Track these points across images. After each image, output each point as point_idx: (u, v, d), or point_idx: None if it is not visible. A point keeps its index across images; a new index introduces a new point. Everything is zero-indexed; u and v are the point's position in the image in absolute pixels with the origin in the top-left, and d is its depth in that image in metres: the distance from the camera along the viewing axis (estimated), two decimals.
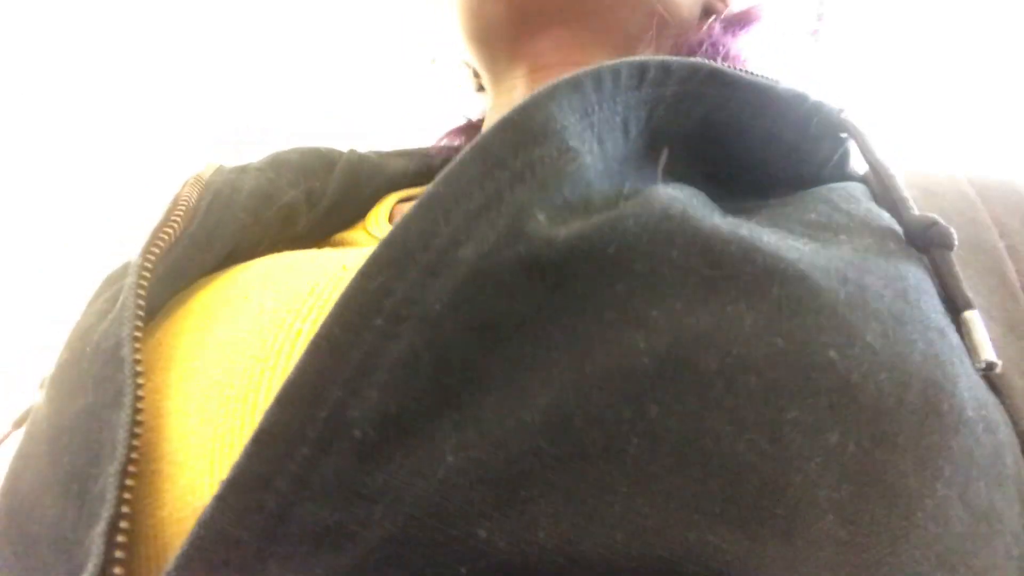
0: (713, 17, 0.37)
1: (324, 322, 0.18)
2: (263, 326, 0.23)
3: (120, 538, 0.19)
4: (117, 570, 0.19)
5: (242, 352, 0.23)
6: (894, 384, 0.18)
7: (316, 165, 0.37)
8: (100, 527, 0.19)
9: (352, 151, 0.40)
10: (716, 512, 0.16)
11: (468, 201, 0.19)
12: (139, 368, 0.23)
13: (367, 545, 0.17)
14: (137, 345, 0.23)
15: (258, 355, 0.22)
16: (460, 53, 0.44)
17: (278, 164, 0.35)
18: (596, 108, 0.21)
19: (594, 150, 0.21)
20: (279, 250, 0.32)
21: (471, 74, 0.45)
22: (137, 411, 0.22)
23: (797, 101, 0.24)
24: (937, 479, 0.17)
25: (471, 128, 0.46)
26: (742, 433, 0.17)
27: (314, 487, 0.17)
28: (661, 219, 0.19)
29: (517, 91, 0.37)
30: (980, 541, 0.17)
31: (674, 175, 0.23)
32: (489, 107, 0.41)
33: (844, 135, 0.25)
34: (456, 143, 0.45)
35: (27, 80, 0.86)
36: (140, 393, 0.22)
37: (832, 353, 0.18)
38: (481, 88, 0.45)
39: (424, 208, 0.19)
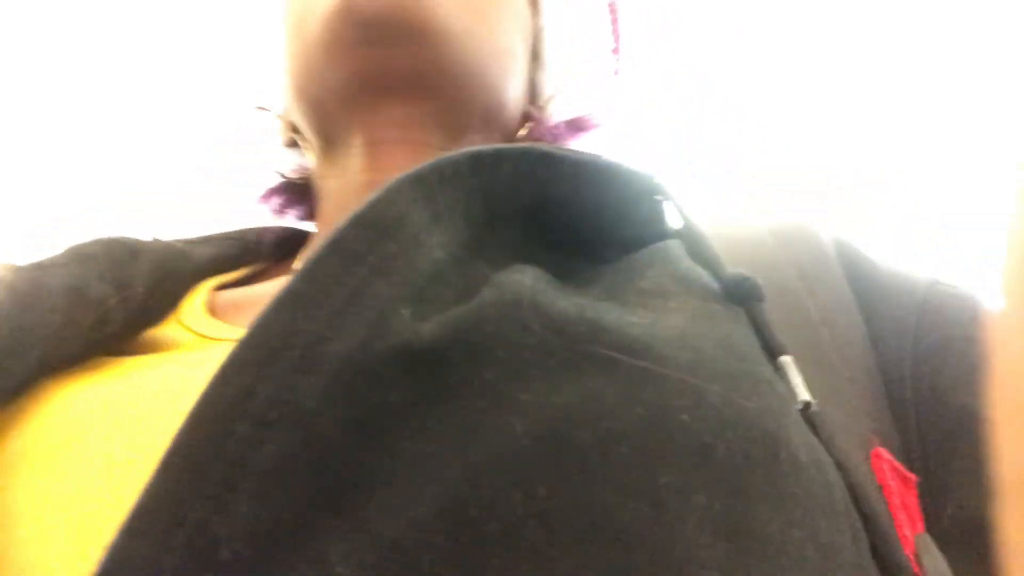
0: (530, 124, 0.41)
1: (176, 438, 0.17)
2: (115, 482, 0.21)
3: None
4: None
5: (96, 521, 0.21)
6: (739, 440, 0.19)
7: (121, 256, 0.34)
8: None
9: (155, 240, 0.38)
10: None
11: (329, 297, 0.18)
12: None
13: None
14: None
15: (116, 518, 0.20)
16: (282, 108, 0.44)
17: (82, 258, 0.32)
18: (440, 198, 0.22)
19: (442, 241, 0.22)
20: (95, 355, 0.30)
21: (285, 127, 0.44)
22: None
23: (617, 171, 0.26)
24: (792, 525, 0.18)
25: (290, 187, 0.45)
26: (626, 502, 0.17)
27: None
28: (514, 307, 0.20)
29: (353, 162, 0.36)
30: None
31: (518, 250, 0.25)
32: (318, 173, 0.40)
33: (658, 197, 0.27)
34: (278, 221, 0.45)
35: None
36: None
37: (685, 416, 0.19)
38: (294, 144, 0.44)
39: (284, 305, 0.18)
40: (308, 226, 0.46)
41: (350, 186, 0.37)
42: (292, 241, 0.44)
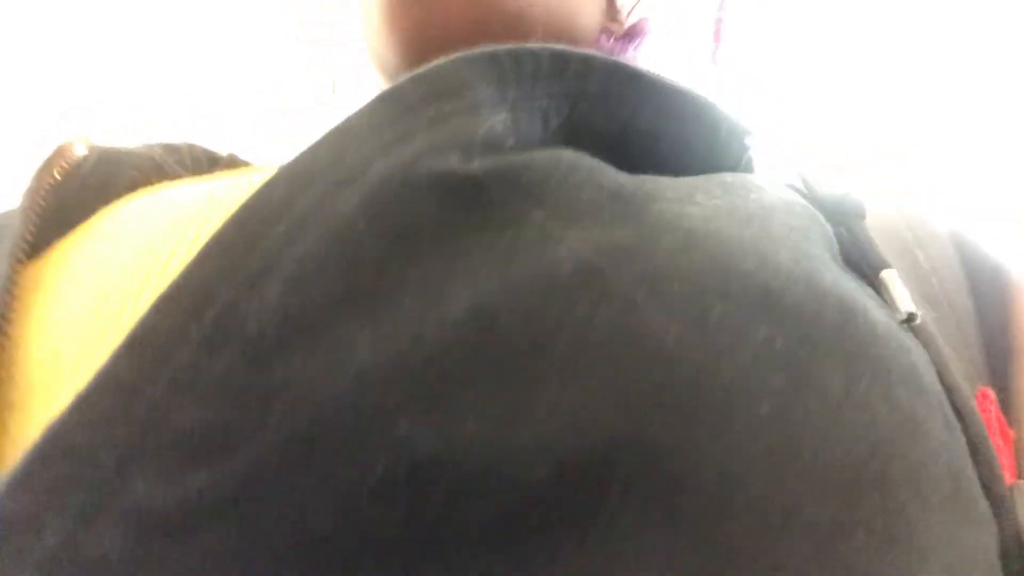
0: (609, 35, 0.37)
1: (214, 235, 0.17)
2: (147, 244, 0.21)
3: None
4: None
5: (119, 272, 0.20)
6: (811, 296, 0.18)
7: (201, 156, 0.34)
8: None
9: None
10: (651, 400, 0.15)
11: (379, 134, 0.18)
12: (12, 295, 0.21)
13: (264, 445, 0.15)
14: (15, 277, 0.21)
15: (137, 272, 0.20)
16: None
17: (160, 146, 0.33)
18: (514, 87, 0.21)
19: (507, 126, 0.20)
20: None
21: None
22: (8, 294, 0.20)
23: (708, 107, 0.24)
24: (860, 379, 0.17)
25: None
26: (670, 327, 0.16)
27: (196, 390, 0.15)
28: (570, 170, 0.19)
29: None
30: (907, 439, 0.17)
31: None
32: None
33: (749, 141, 0.25)
34: None
35: None
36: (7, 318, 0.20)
37: (748, 266, 0.18)
38: None
39: (334, 135, 0.18)
40: None
41: None
42: None
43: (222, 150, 0.38)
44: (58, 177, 0.26)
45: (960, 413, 0.19)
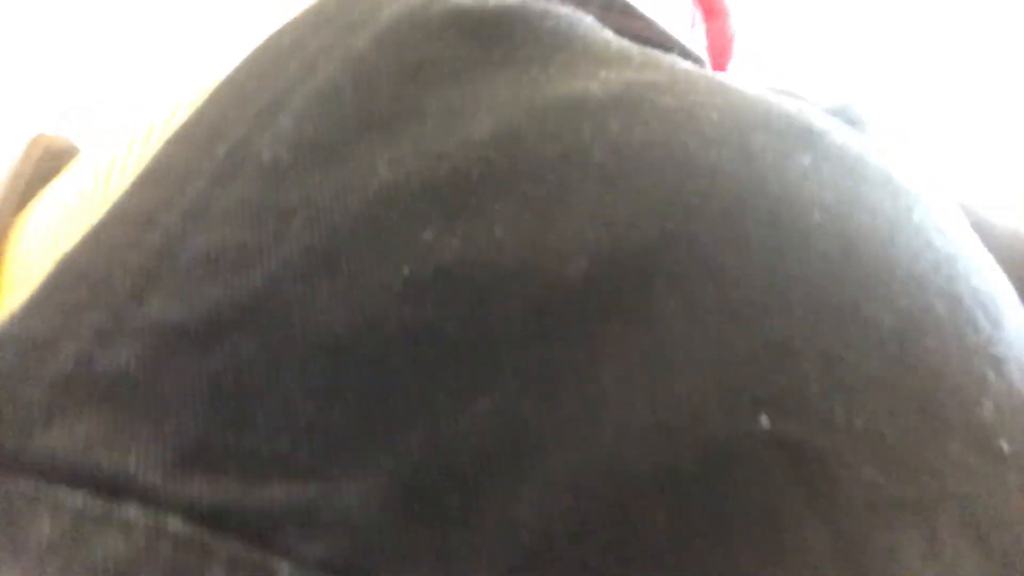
0: None
1: (228, 73, 0.17)
2: (130, 124, 0.20)
3: None
4: None
5: (103, 153, 0.20)
6: (852, 141, 0.17)
7: None
8: None
9: None
10: (695, 205, 0.15)
11: None
12: None
13: (282, 259, 0.14)
14: None
15: (125, 142, 0.19)
16: None
17: None
18: None
19: None
20: None
21: None
22: None
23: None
24: (912, 209, 0.17)
25: None
26: (710, 147, 0.16)
27: (211, 217, 0.15)
28: (593, 25, 0.19)
29: None
30: (968, 264, 0.17)
31: None
32: None
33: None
34: None
35: None
36: None
37: (790, 108, 0.17)
38: None
39: None
40: None
41: None
42: None
43: None
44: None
45: None
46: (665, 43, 0.22)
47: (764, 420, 0.13)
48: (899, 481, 0.13)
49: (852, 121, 0.22)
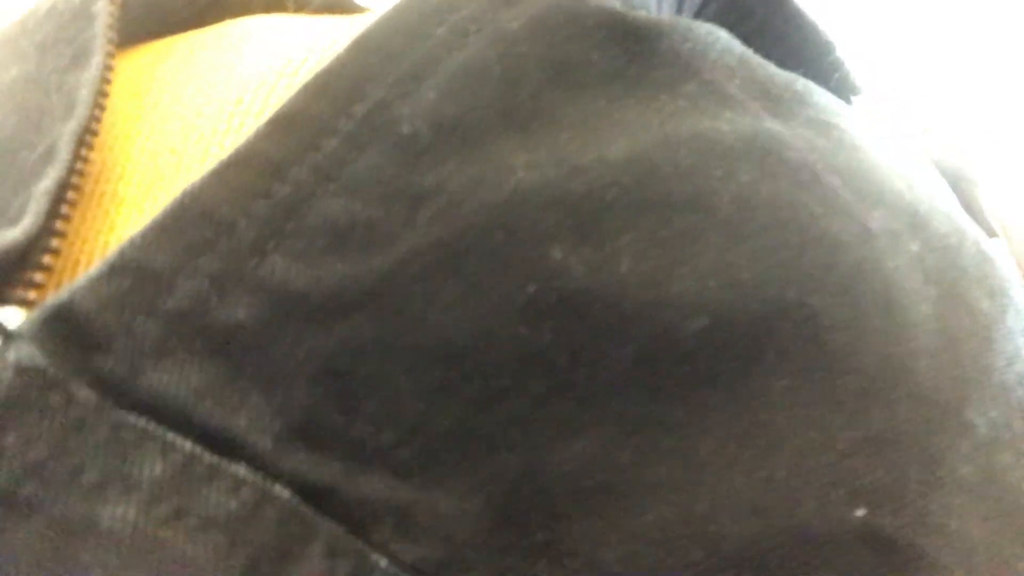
0: None
1: (371, 24, 0.16)
2: (275, 53, 0.19)
3: (70, 194, 0.16)
4: (58, 226, 0.16)
5: (240, 78, 0.18)
6: (953, 229, 0.18)
7: None
8: (45, 183, 0.16)
9: None
10: (816, 276, 0.15)
11: None
12: (111, 35, 0.18)
13: (409, 247, 0.14)
14: (108, 62, 0.18)
15: (265, 78, 0.18)
16: None
17: None
18: None
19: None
20: None
21: None
22: (107, 70, 0.18)
23: (828, 48, 0.23)
24: (1006, 310, 0.18)
25: None
26: (832, 217, 0.16)
27: (342, 181, 0.14)
28: (725, 50, 0.18)
29: None
30: None
31: None
32: None
33: (854, 97, 0.25)
34: None
35: None
36: (111, 55, 0.18)
37: (900, 185, 0.18)
38: None
39: None
40: None
41: None
42: None
43: None
44: None
45: None
46: (810, 52, 0.22)
47: (860, 512, 0.14)
48: None
49: (963, 180, 0.22)
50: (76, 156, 0.16)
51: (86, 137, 0.17)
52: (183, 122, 0.18)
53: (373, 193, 0.14)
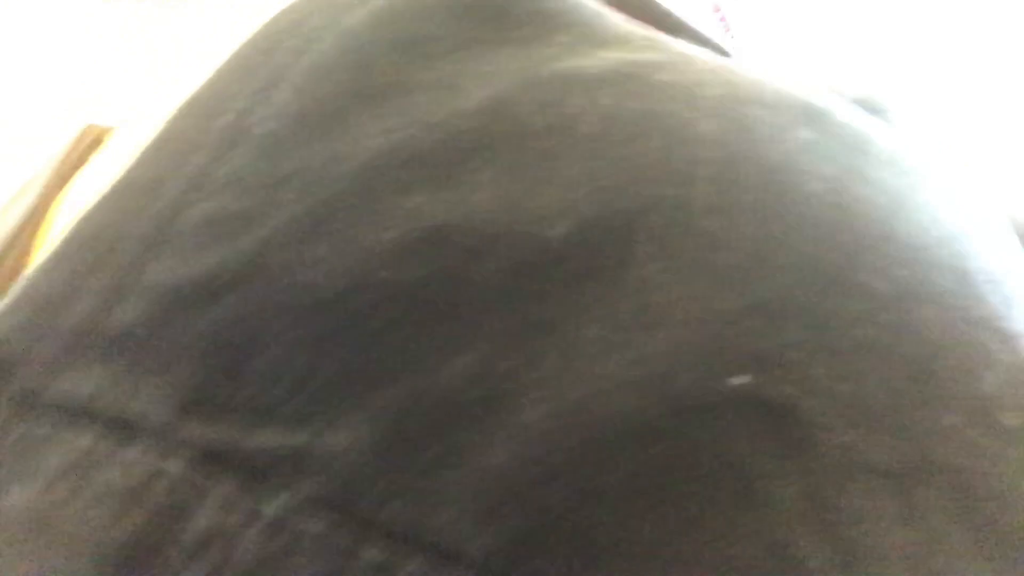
0: None
1: (233, 50, 0.18)
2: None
3: None
4: None
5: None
6: (855, 119, 0.18)
7: None
8: None
9: None
10: (683, 172, 0.15)
11: None
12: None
13: (276, 224, 0.15)
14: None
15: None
16: None
17: None
18: None
19: None
20: None
21: None
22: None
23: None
24: (919, 187, 0.17)
25: None
26: (704, 118, 0.16)
27: (210, 186, 0.16)
28: (591, 7, 0.19)
29: None
30: (972, 243, 0.17)
31: None
32: None
33: None
34: None
35: None
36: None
37: (789, 87, 0.18)
38: None
39: None
40: None
41: None
42: None
43: None
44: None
45: None
46: (674, 28, 0.23)
47: (742, 379, 0.13)
48: (879, 447, 0.13)
49: (875, 110, 0.22)
50: None
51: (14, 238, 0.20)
52: (92, 178, 0.21)
53: (238, 189, 0.16)
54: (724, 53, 0.23)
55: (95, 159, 0.22)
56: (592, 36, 0.18)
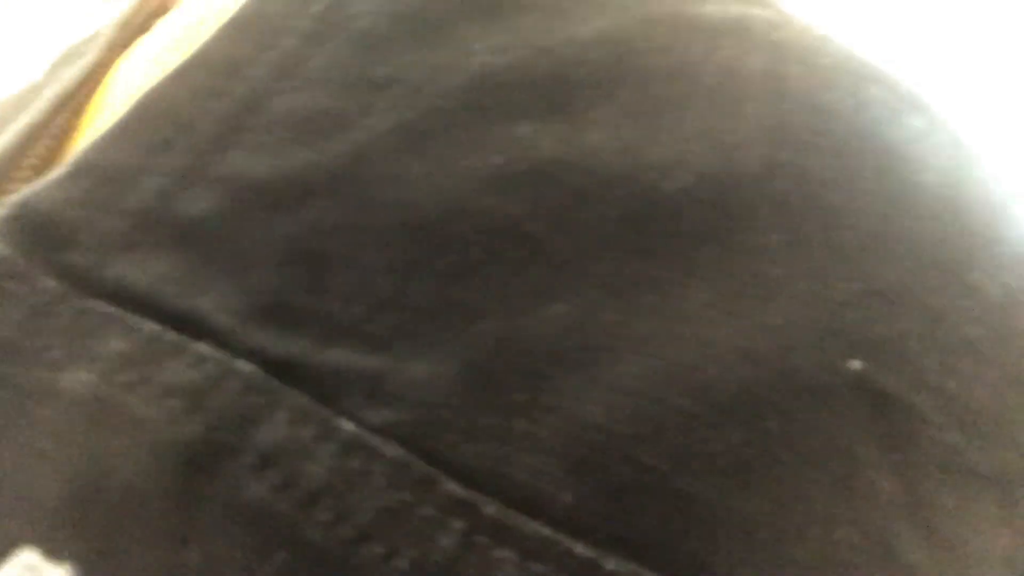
0: None
1: None
2: None
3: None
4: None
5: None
6: (956, 126, 0.17)
7: None
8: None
9: None
10: (807, 140, 0.14)
11: None
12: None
13: (372, 131, 0.14)
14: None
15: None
16: None
17: None
18: None
19: None
20: None
21: None
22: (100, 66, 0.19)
23: None
24: (1018, 194, 0.17)
25: None
26: (825, 87, 0.16)
27: (301, 77, 0.15)
28: None
29: None
30: None
31: None
32: None
33: None
34: None
35: None
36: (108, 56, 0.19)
37: (893, 73, 0.17)
38: None
39: None
40: None
41: None
42: None
43: None
44: None
45: None
46: None
47: (856, 364, 0.13)
48: (982, 450, 0.13)
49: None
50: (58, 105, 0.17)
51: (68, 97, 0.18)
52: (163, 35, 0.19)
53: (332, 85, 0.15)
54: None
55: (163, 24, 0.21)
56: None
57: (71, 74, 0.19)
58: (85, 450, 0.12)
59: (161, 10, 0.22)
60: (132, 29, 0.21)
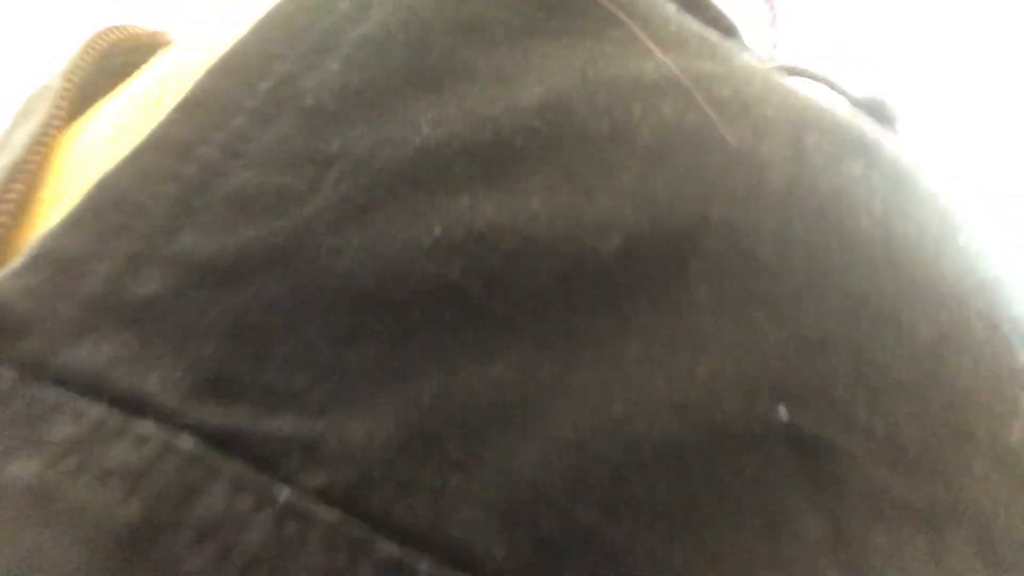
0: None
1: (275, 4, 0.17)
2: (174, 53, 0.20)
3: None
4: None
5: (154, 77, 0.20)
6: (902, 156, 0.18)
7: None
8: None
9: None
10: (740, 195, 0.15)
11: None
12: (60, 102, 0.20)
13: (316, 207, 0.15)
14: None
15: (160, 75, 0.19)
16: None
17: None
18: None
19: None
20: None
21: None
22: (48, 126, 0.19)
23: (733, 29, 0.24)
24: (957, 233, 0.17)
25: None
26: (761, 140, 0.16)
27: (249, 155, 0.15)
28: (662, 2, 0.19)
29: None
30: (1009, 294, 0.17)
31: None
32: None
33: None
34: None
35: None
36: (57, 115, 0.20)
37: (843, 115, 0.18)
38: None
39: None
40: None
41: None
42: None
43: None
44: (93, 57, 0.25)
45: None
46: (728, 28, 0.22)
47: (782, 411, 0.13)
48: (911, 487, 0.13)
49: (885, 119, 0.22)
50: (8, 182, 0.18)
51: (21, 166, 0.18)
52: (113, 115, 0.19)
53: (279, 163, 0.15)
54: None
55: (121, 93, 0.21)
56: (649, 33, 0.18)
57: (21, 140, 0.20)
58: (21, 544, 0.13)
59: (108, 55, 0.23)
60: (81, 73, 0.22)
